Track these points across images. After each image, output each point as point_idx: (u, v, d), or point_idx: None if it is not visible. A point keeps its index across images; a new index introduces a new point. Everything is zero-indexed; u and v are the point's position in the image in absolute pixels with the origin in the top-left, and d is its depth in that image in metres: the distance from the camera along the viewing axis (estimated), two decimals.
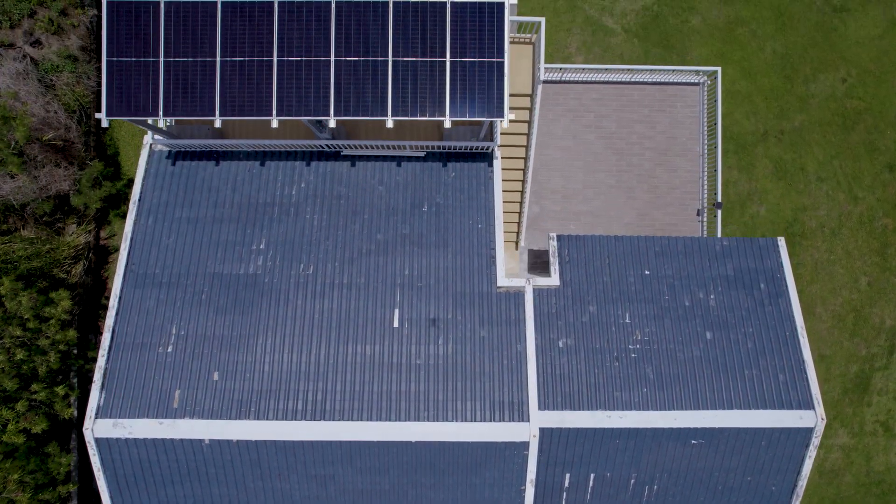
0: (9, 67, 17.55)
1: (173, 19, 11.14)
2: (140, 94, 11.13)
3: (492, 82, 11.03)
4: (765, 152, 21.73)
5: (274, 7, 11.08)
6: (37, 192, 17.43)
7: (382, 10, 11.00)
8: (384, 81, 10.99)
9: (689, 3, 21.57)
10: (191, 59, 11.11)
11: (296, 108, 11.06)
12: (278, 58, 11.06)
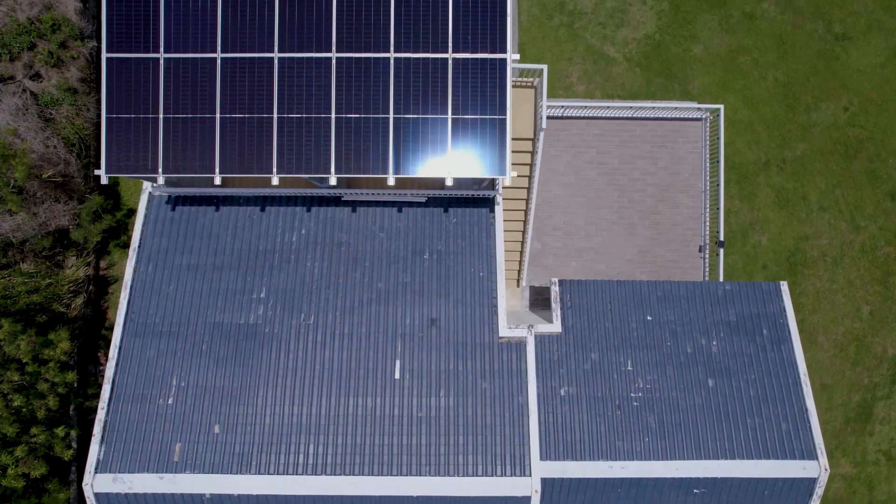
0: (8, 103, 17.48)
1: (172, 75, 11.07)
2: (140, 151, 11.06)
3: (494, 140, 10.96)
4: (766, 181, 21.67)
5: (274, 63, 11.01)
6: (36, 228, 17.37)
7: (384, 67, 10.93)
8: (385, 138, 10.93)
9: (691, 32, 21.50)
10: (190, 115, 11.04)
11: (296, 165, 10.99)
12: (278, 115, 10.99)
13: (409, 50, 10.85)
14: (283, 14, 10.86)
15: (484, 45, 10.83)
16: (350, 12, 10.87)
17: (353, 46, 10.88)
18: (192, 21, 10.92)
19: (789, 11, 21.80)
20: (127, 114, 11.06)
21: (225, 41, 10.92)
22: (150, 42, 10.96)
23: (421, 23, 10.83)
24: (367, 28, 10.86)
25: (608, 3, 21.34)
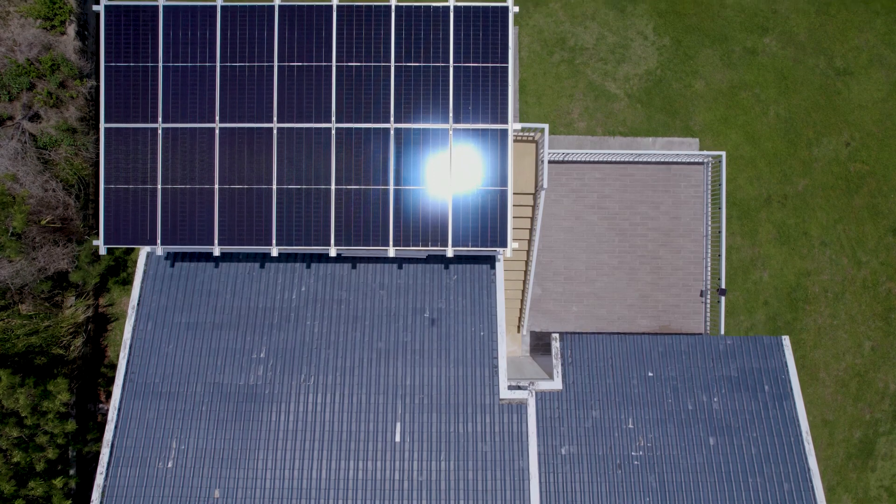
0: (7, 148, 17.41)
1: (171, 145, 11.01)
2: (138, 222, 11.00)
3: (495, 213, 10.90)
4: (768, 217, 21.59)
5: (273, 133, 10.95)
6: (35, 273, 17.30)
7: (384, 138, 10.87)
8: (386, 211, 10.86)
9: (693, 68, 21.42)
10: (189, 186, 10.97)
11: (296, 237, 10.93)
12: (277, 186, 10.92)
13: (409, 121, 10.79)
14: (283, 85, 10.79)
15: (485, 116, 10.77)
16: (350, 85, 10.80)
17: (353, 117, 10.81)
18: (190, 91, 10.85)
19: (791, 46, 21.72)
20: (125, 184, 11.00)
21: (223, 111, 10.85)
22: (149, 112, 10.90)
23: (422, 96, 10.76)
24: (367, 99, 10.79)
25: (609, 39, 21.27)
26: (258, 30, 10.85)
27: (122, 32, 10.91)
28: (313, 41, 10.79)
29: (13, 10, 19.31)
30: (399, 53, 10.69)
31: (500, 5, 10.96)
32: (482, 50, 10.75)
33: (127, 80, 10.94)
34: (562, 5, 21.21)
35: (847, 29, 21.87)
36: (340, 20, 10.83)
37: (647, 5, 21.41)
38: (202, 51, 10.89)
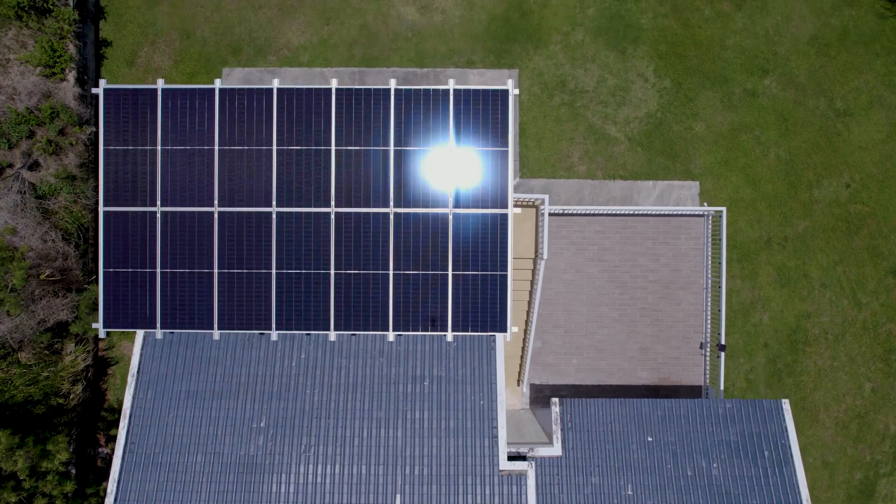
0: (7, 201, 17.41)
1: (170, 229, 11.00)
2: (137, 305, 10.99)
3: (494, 296, 10.88)
4: (768, 259, 21.57)
5: (272, 217, 10.94)
6: (34, 327, 17.30)
7: (384, 223, 10.85)
8: (385, 296, 10.85)
9: (693, 110, 21.39)
10: (188, 270, 10.96)
11: (295, 321, 10.92)
12: (277, 270, 10.91)
13: (408, 206, 10.77)
14: (282, 168, 10.78)
15: (485, 201, 10.75)
16: (349, 169, 10.80)
17: (353, 202, 10.80)
18: (189, 174, 10.84)
19: (791, 88, 21.69)
20: (125, 268, 10.99)
21: (222, 195, 10.84)
22: (148, 195, 10.89)
23: (421, 181, 10.73)
24: (366, 183, 10.78)
25: (610, 82, 21.24)
26: (257, 112, 10.85)
27: (122, 115, 10.90)
28: (312, 124, 10.78)
29: (13, 58, 19.30)
30: (399, 137, 10.68)
31: (500, 88, 10.95)
32: (482, 133, 10.74)
33: (126, 162, 10.93)
34: (562, 47, 21.19)
35: (847, 70, 21.84)
36: (340, 103, 10.82)
37: (648, 47, 21.38)
38: (201, 133, 10.88)
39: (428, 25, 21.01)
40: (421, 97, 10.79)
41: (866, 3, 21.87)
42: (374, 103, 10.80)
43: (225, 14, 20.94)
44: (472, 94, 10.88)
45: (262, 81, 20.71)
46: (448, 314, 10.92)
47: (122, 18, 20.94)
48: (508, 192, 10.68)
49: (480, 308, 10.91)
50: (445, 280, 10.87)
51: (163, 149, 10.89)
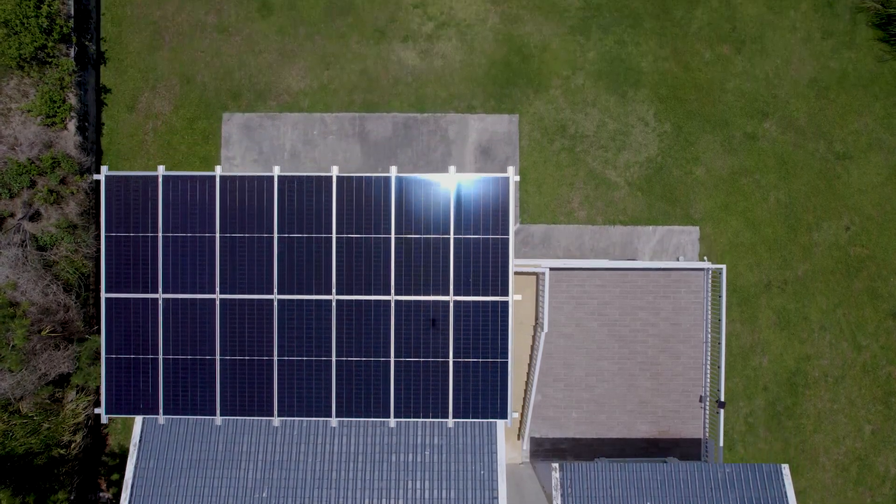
0: (8, 255, 17.45)
1: (172, 316, 11.04)
2: (139, 391, 11.04)
3: (495, 383, 10.93)
4: (768, 303, 21.62)
5: (273, 305, 10.98)
6: (36, 382, 17.35)
7: (385, 311, 10.89)
8: (387, 381, 10.89)
9: (694, 154, 21.42)
10: (190, 357, 11.00)
11: (297, 408, 10.97)
12: (279, 357, 10.95)
13: (409, 293, 10.81)
14: (283, 256, 10.82)
15: (486, 286, 10.80)
16: (350, 258, 10.84)
17: (354, 290, 10.84)
18: (190, 261, 10.88)
19: (791, 131, 21.73)
20: (126, 354, 11.03)
21: (224, 282, 10.88)
22: (149, 282, 10.92)
23: (422, 268, 10.79)
24: (367, 271, 10.82)
25: (610, 126, 21.27)
26: (258, 200, 10.89)
27: (123, 202, 10.94)
28: (313, 212, 10.82)
29: (14, 107, 19.35)
30: (399, 225, 10.72)
31: (501, 176, 11.00)
32: (483, 221, 10.78)
33: (127, 249, 10.97)
34: (562, 92, 21.22)
35: (846, 113, 21.87)
36: (340, 191, 10.86)
37: (648, 91, 21.41)
38: (202, 221, 10.92)
39: (428, 70, 21.03)
40: (422, 185, 10.83)
41: (865, 46, 21.90)
42: (376, 191, 10.83)
43: (225, 59, 20.97)
44: (472, 183, 10.92)
45: (262, 127, 20.75)
46: (449, 401, 10.97)
47: (123, 64, 20.97)
48: (509, 280, 10.72)
49: (481, 394, 10.96)
50: (446, 367, 10.91)
51: (164, 236, 10.93)
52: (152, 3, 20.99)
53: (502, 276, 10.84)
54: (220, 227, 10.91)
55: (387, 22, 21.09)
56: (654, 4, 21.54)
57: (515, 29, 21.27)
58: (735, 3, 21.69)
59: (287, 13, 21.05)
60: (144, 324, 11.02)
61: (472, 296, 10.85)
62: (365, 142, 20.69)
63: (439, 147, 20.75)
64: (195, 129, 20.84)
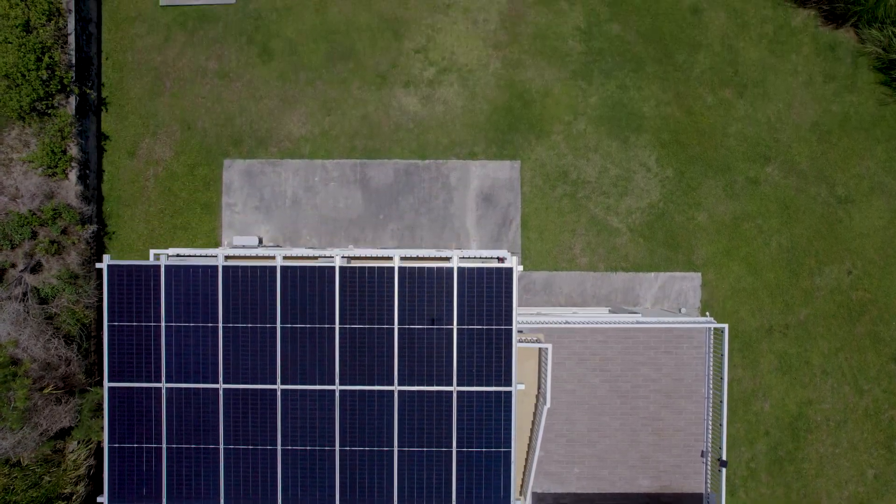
0: (9, 311, 17.43)
1: (175, 405, 11.03)
2: (143, 481, 11.02)
3: (499, 473, 10.91)
4: (769, 347, 21.61)
5: (277, 394, 10.97)
6: (37, 438, 17.33)
7: (388, 400, 10.88)
8: (390, 474, 10.88)
9: (696, 199, 21.39)
10: (193, 446, 10.99)
11: (301, 496, 10.97)
12: (282, 447, 10.94)
13: (412, 384, 10.80)
14: (286, 346, 10.81)
15: (489, 378, 10.78)
16: (353, 348, 10.82)
17: (357, 380, 10.82)
18: (193, 351, 10.86)
19: (793, 175, 21.70)
20: (130, 443, 11.02)
21: (227, 371, 10.87)
22: (152, 371, 10.91)
23: (426, 359, 10.77)
24: (370, 361, 10.81)
25: (612, 171, 21.24)
26: (260, 290, 10.86)
27: (125, 291, 10.92)
28: (316, 303, 10.80)
29: (15, 157, 19.32)
30: (403, 315, 10.70)
31: (505, 266, 10.96)
32: (486, 309, 10.76)
33: (130, 339, 10.95)
34: (564, 137, 21.19)
35: (848, 156, 21.84)
36: (343, 281, 10.83)
37: (651, 136, 21.38)
38: (204, 310, 10.90)
39: (430, 116, 21.00)
40: (425, 275, 10.80)
41: (867, 89, 21.86)
42: (379, 281, 10.81)
43: (226, 105, 20.93)
44: (475, 272, 10.89)
45: (263, 173, 20.72)
46: (452, 491, 10.95)
47: (124, 110, 20.93)
48: (513, 371, 10.70)
49: (485, 484, 10.95)
50: (450, 457, 10.90)
51: (167, 325, 10.91)
52: (153, 48, 20.95)
53: (506, 366, 10.82)
54: (222, 317, 10.89)
55: (388, 67, 21.06)
56: (657, 49, 21.51)
57: (517, 74, 21.23)
58: (737, 47, 21.65)
59: (288, 58, 21.01)
60: (147, 413, 11.00)
61: (475, 386, 10.83)
62: (366, 188, 20.66)
63: (441, 194, 20.72)
64: (196, 176, 20.81)
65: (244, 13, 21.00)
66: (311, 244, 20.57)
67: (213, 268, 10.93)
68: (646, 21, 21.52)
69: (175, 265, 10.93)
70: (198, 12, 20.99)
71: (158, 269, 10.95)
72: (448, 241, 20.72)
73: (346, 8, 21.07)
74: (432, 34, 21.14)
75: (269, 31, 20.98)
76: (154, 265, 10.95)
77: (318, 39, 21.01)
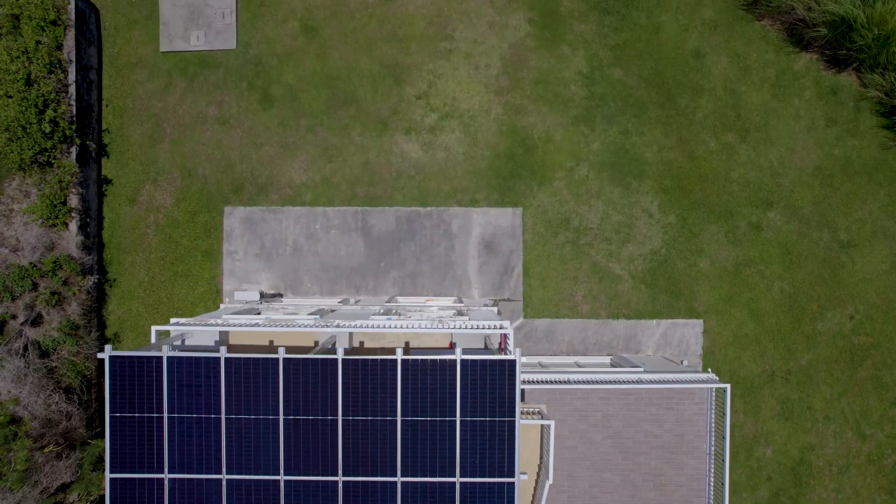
0: (10, 369, 17.39)
1: (177, 496, 10.99)
2: None
3: None
4: (771, 393, 21.57)
5: (280, 485, 10.93)
6: (37, 497, 17.30)
7: (391, 491, 10.84)
8: None
9: (698, 246, 21.35)
10: None
11: None
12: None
13: (415, 475, 10.76)
14: (289, 438, 10.77)
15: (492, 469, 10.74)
16: (356, 440, 10.79)
17: (360, 471, 10.79)
18: (196, 441, 10.83)
19: (795, 220, 21.64)
20: None
21: (230, 462, 10.83)
22: (155, 461, 10.87)
23: (428, 449, 10.74)
24: (373, 453, 10.77)
25: (614, 218, 21.19)
26: (263, 382, 10.82)
27: (127, 382, 10.88)
28: (319, 395, 10.76)
29: (16, 208, 19.26)
30: (406, 408, 10.66)
31: (508, 358, 10.93)
32: (489, 403, 10.73)
33: (132, 429, 10.92)
34: (566, 184, 21.13)
35: (851, 201, 21.79)
36: (346, 373, 10.79)
37: (653, 181, 21.33)
38: (207, 402, 10.86)
39: (431, 163, 20.95)
40: (428, 367, 10.76)
41: (869, 133, 21.81)
42: (381, 373, 10.77)
43: (226, 152, 20.88)
44: (478, 364, 10.85)
45: (264, 221, 20.67)
46: None
47: (125, 156, 20.87)
48: (516, 462, 10.66)
49: None
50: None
51: (169, 416, 10.87)
52: (154, 94, 20.89)
53: (509, 457, 10.79)
54: (225, 408, 10.85)
55: (389, 113, 21.00)
56: (659, 93, 21.45)
57: (519, 120, 21.18)
58: (739, 92, 21.59)
59: (289, 105, 20.95)
60: (150, 501, 10.97)
61: (478, 477, 10.80)
62: (368, 236, 20.62)
63: (442, 242, 20.68)
64: (197, 223, 20.77)
65: (245, 59, 20.94)
66: (312, 292, 20.53)
67: (216, 360, 10.89)
68: (648, 65, 21.46)
69: (177, 356, 10.89)
70: (198, 58, 20.93)
71: (161, 361, 10.91)
72: (450, 289, 20.69)
73: (346, 53, 21.01)
74: (434, 80, 21.08)
75: (269, 77, 20.92)
76: (156, 356, 10.91)
77: (319, 85, 20.96)
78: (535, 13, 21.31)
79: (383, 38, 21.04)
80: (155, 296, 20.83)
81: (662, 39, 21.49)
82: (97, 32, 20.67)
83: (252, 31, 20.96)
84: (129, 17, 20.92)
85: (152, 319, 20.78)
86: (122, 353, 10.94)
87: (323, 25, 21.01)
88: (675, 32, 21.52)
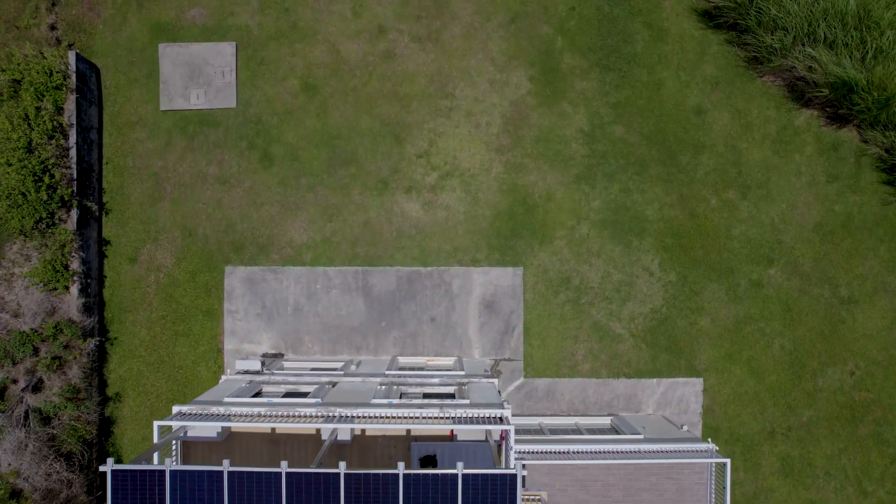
0: (10, 441, 17.38)
1: None
2: None
3: None
4: (771, 450, 21.59)
5: None
6: None
7: None
8: None
9: (698, 304, 21.35)
10: None
11: None
12: None
13: None
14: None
15: None
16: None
17: None
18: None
19: (796, 277, 21.65)
20: None
21: None
22: None
23: None
24: None
25: (615, 277, 21.19)
26: (265, 495, 10.82)
27: (129, 496, 10.87)
28: None
29: (17, 273, 19.26)
30: None
31: (509, 472, 10.94)
32: None
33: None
34: (567, 242, 21.13)
35: (852, 257, 21.79)
36: (348, 488, 10.79)
37: (653, 239, 21.32)
38: None
39: (432, 222, 20.94)
40: (430, 481, 10.76)
41: (870, 189, 21.81)
42: (384, 486, 10.77)
43: (226, 211, 20.86)
44: (479, 478, 10.86)
45: (265, 280, 20.66)
46: None
47: (125, 216, 20.86)
48: None
49: None
50: None
51: None
52: (154, 153, 20.88)
53: None
54: None
55: (390, 172, 21.00)
56: (660, 150, 21.45)
57: (520, 178, 21.17)
58: (740, 148, 21.59)
59: (289, 164, 20.94)
60: None
61: None
62: (368, 296, 20.61)
63: (443, 302, 20.68)
64: (197, 282, 20.76)
65: (245, 118, 20.93)
66: (313, 351, 20.53)
67: (219, 473, 10.89)
68: (649, 123, 21.46)
69: (180, 469, 10.90)
70: (198, 117, 20.92)
71: (163, 474, 10.92)
72: (451, 349, 20.70)
73: (347, 112, 21.00)
74: (434, 138, 21.08)
75: (269, 136, 20.91)
76: (159, 469, 10.91)
77: (320, 144, 20.95)
78: (535, 70, 21.30)
79: (384, 96, 21.03)
80: (156, 355, 20.84)
81: (664, 96, 21.49)
82: (98, 92, 20.65)
83: (252, 89, 20.95)
84: (129, 75, 20.90)
85: (154, 379, 20.79)
86: (124, 467, 10.94)
87: (323, 84, 21.00)
88: (676, 89, 21.51)
